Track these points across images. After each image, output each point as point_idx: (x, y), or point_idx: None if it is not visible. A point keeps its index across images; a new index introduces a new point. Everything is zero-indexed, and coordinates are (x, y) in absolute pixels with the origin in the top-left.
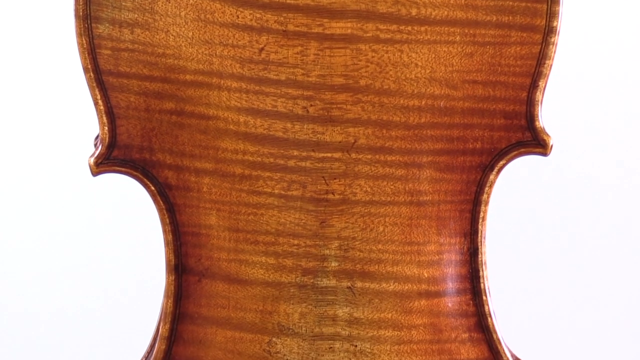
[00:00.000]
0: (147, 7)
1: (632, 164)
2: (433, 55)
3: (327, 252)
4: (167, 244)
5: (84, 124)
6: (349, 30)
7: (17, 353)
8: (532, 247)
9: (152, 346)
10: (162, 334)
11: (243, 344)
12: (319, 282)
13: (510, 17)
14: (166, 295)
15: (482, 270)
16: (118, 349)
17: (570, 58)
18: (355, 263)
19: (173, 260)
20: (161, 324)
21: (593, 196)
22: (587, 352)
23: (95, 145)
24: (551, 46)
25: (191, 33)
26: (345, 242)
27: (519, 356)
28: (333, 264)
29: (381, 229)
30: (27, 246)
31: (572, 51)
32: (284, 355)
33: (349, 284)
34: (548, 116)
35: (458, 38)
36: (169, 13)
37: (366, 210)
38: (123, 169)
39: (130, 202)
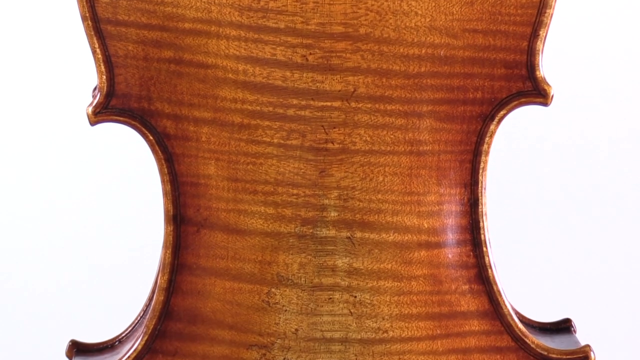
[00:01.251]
0: None
1: (633, 113)
2: (433, 4)
3: (326, 201)
4: (165, 194)
5: (82, 75)
6: None
7: (19, 298)
8: (533, 198)
9: (150, 298)
10: (160, 285)
11: (242, 295)
12: (318, 232)
13: None
14: (164, 246)
15: (483, 222)
16: (117, 301)
17: (571, 6)
18: (355, 213)
19: (171, 210)
20: (159, 275)
21: (594, 147)
22: (587, 305)
23: (94, 96)
24: None
25: None
26: (345, 192)
27: (519, 309)
28: (332, 214)
29: (381, 178)
30: (24, 196)
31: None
32: (283, 306)
33: (348, 234)
34: (549, 66)
35: None
36: None
37: (366, 160)
38: (121, 119)
39: (128, 152)
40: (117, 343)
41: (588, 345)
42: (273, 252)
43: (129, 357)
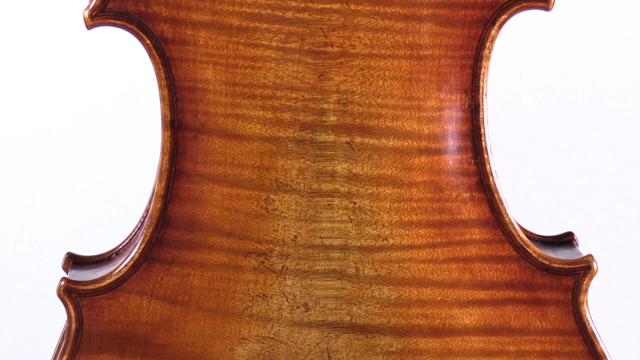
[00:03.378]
0: None
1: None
2: None
3: (325, 106)
4: (162, 99)
5: None
6: None
7: (15, 209)
8: (534, 104)
9: (148, 208)
10: (157, 192)
11: (240, 201)
12: (317, 137)
13: None
14: (162, 152)
15: (484, 128)
16: (114, 207)
17: None
18: (355, 117)
19: (169, 116)
20: (157, 182)
21: (598, 54)
22: (588, 214)
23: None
24: None
25: None
26: (344, 96)
27: (520, 222)
28: (332, 118)
29: (381, 82)
30: (19, 102)
31: None
32: (282, 212)
33: (347, 139)
34: None
35: None
36: None
37: (365, 64)
38: (118, 22)
39: (125, 57)
40: (114, 255)
41: (590, 255)
42: (271, 158)
43: (125, 265)
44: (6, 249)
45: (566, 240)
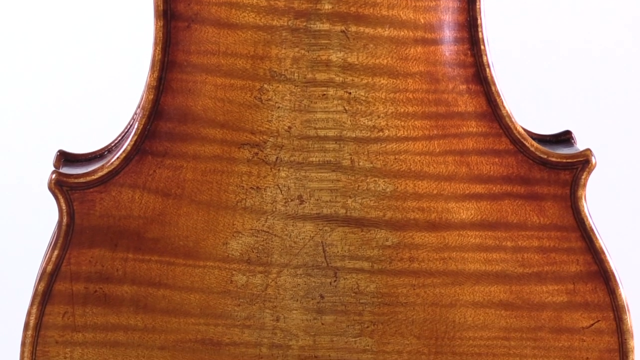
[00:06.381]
0: None
1: None
2: None
3: None
4: None
5: None
6: None
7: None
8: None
9: (141, 99)
10: (149, 84)
11: (233, 92)
12: (311, 25)
13: None
14: (154, 43)
15: (480, 19)
16: (110, 101)
17: None
18: (350, 5)
19: (161, 5)
20: (149, 73)
21: None
22: (588, 117)
23: None
24: None
25: None
26: None
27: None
28: (326, 6)
29: None
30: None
31: None
32: (276, 102)
33: (342, 27)
34: None
35: None
36: None
37: None
38: None
39: None
40: (105, 153)
41: (589, 149)
42: (265, 47)
43: (118, 157)
44: None
45: (564, 138)
